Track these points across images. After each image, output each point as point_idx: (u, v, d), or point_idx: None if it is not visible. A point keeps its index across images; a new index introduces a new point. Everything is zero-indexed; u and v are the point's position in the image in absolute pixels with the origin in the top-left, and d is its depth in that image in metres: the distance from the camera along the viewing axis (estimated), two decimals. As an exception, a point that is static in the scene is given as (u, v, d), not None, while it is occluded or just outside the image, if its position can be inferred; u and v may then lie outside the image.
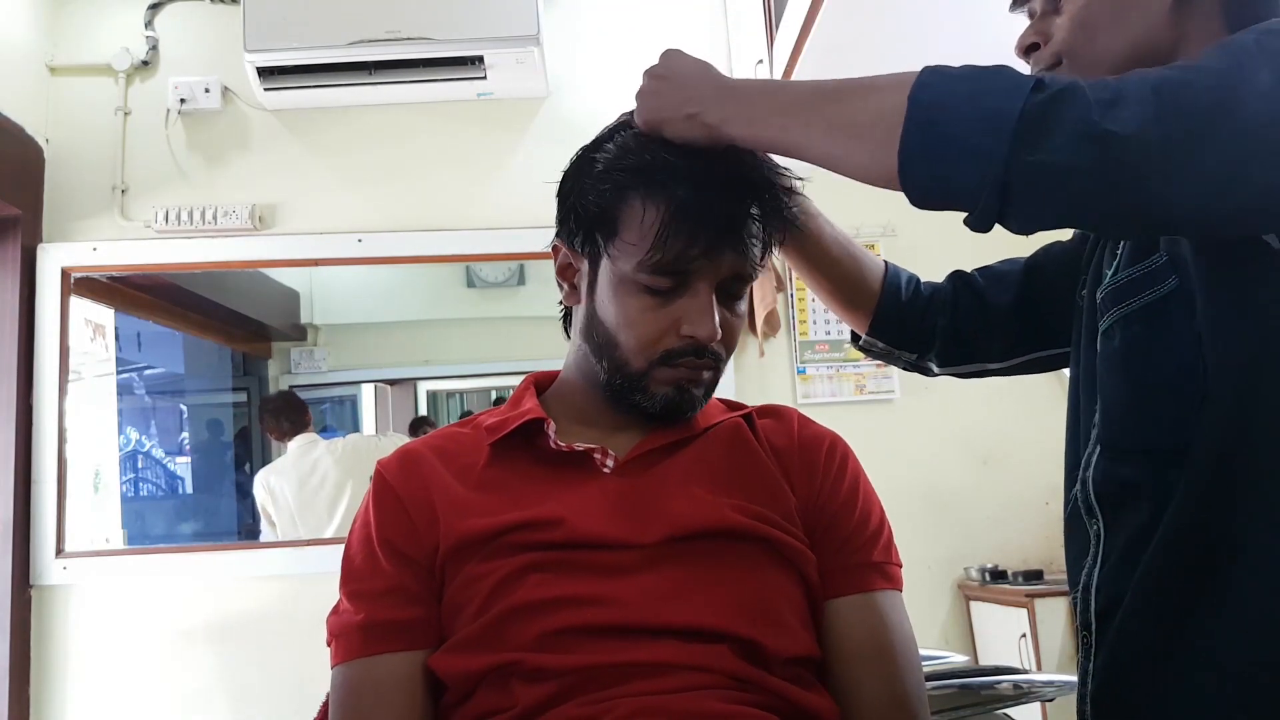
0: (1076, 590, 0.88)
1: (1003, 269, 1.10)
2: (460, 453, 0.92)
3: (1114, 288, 0.83)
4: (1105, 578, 0.84)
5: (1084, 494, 0.87)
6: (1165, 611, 0.77)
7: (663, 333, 0.87)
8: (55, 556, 2.50)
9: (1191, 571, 0.76)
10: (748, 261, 0.87)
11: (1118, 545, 0.83)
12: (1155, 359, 0.79)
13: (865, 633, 0.87)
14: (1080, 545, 0.88)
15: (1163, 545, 0.77)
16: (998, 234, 0.77)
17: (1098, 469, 0.85)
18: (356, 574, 0.88)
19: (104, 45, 2.71)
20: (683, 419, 0.92)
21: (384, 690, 0.83)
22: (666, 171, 0.84)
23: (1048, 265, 1.06)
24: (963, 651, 2.44)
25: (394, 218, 2.70)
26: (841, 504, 0.91)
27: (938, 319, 1.09)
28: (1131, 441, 0.82)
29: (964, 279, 1.12)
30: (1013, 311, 1.07)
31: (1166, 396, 0.79)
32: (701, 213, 0.83)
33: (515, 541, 0.84)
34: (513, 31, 2.48)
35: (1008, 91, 0.66)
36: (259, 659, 2.50)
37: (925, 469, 2.67)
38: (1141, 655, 0.79)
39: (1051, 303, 1.02)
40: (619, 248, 0.86)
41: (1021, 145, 0.65)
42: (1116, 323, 0.83)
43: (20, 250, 2.54)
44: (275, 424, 3.12)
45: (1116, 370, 0.83)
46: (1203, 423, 0.75)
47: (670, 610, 0.81)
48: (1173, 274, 0.78)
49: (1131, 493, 0.82)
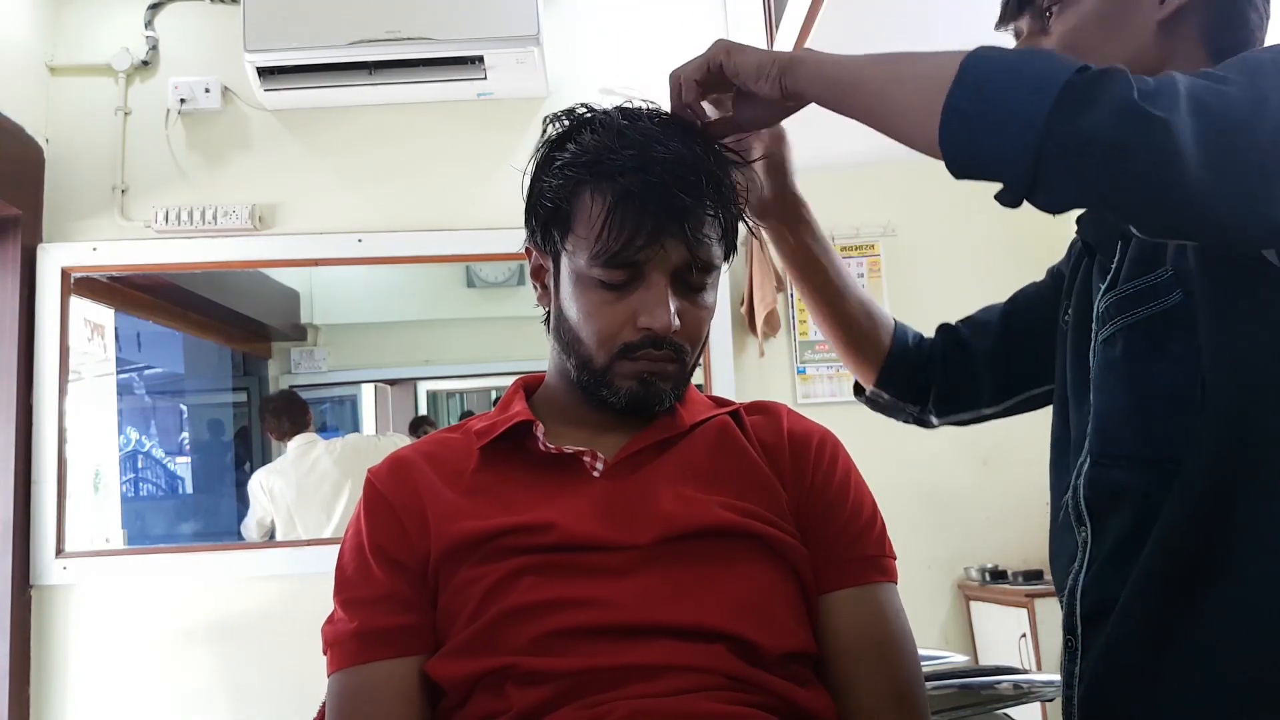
0: (1063, 595, 0.89)
1: (983, 317, 1.14)
2: (450, 458, 0.92)
3: (1119, 298, 0.84)
4: (1091, 581, 0.85)
5: (1074, 502, 0.88)
6: (1159, 614, 0.78)
7: (620, 326, 0.87)
8: (55, 556, 2.50)
9: (1186, 576, 0.77)
10: (702, 249, 0.87)
11: (1103, 550, 0.85)
12: (1156, 369, 0.81)
13: (861, 627, 0.87)
14: (1068, 552, 0.90)
15: (1157, 551, 0.78)
16: (996, 236, 0.77)
17: (1088, 476, 0.87)
18: (350, 582, 0.87)
19: (104, 45, 2.71)
20: (650, 413, 0.91)
21: (380, 697, 0.83)
22: (612, 163, 0.85)
23: (1024, 308, 1.10)
24: (963, 651, 2.44)
25: (394, 218, 2.70)
26: (833, 498, 0.91)
27: (931, 372, 1.13)
28: (1125, 448, 0.83)
29: (949, 331, 1.16)
30: (996, 356, 1.10)
31: (1165, 407, 0.80)
32: (644, 201, 0.83)
33: (507, 545, 0.84)
34: (513, 31, 2.48)
35: (1054, 66, 0.68)
36: (259, 659, 2.50)
37: (925, 469, 2.67)
38: (1134, 657, 0.80)
39: (1032, 341, 1.06)
40: (573, 242, 0.88)
41: (1063, 112, 0.65)
42: (1119, 331, 0.84)
43: (20, 250, 2.54)
44: (276, 423, 3.12)
45: (1116, 378, 0.84)
46: (1200, 434, 0.77)
47: (664, 610, 0.81)
48: (1177, 288, 0.80)
49: (1119, 499, 0.83)
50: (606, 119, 0.89)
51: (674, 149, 0.85)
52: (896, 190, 2.72)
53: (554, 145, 0.92)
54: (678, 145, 0.86)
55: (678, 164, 0.85)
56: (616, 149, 0.85)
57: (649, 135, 0.86)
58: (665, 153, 0.85)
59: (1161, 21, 0.85)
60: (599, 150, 0.87)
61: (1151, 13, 0.84)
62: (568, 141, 0.91)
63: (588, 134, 0.89)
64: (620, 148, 0.85)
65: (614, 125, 0.88)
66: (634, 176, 0.84)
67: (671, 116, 0.91)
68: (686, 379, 0.92)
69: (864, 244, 2.76)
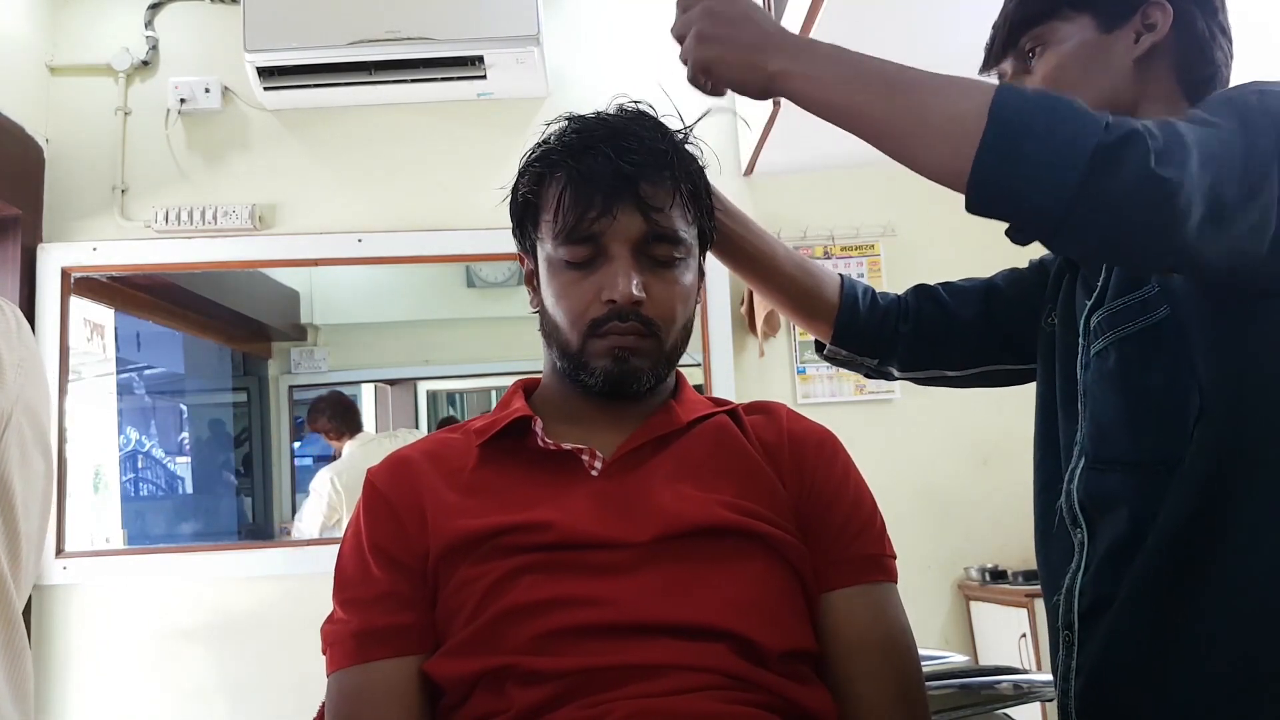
0: (1059, 594, 0.94)
1: (965, 285, 1.18)
2: (450, 457, 0.92)
3: (1110, 313, 0.90)
4: (1089, 581, 0.90)
5: (1069, 505, 0.93)
6: (1159, 609, 0.84)
7: (587, 303, 0.89)
8: (55, 556, 2.50)
9: (1184, 571, 0.82)
10: (660, 218, 0.88)
11: (1100, 550, 0.90)
12: (1150, 380, 0.87)
13: (860, 625, 0.87)
14: (1062, 553, 0.94)
15: (1156, 549, 0.83)
16: (996, 236, 0.78)
17: (1082, 480, 0.92)
18: (349, 582, 0.88)
19: (104, 45, 2.71)
20: (628, 392, 0.91)
21: (379, 696, 0.83)
22: (566, 148, 0.90)
23: (1007, 289, 1.15)
24: (963, 651, 2.44)
25: (394, 218, 2.70)
26: (833, 497, 0.91)
27: (899, 325, 1.15)
28: (1122, 453, 0.89)
29: (928, 291, 1.19)
30: (975, 325, 1.14)
31: (1159, 414, 0.86)
32: (594, 174, 0.87)
33: (506, 544, 0.84)
34: (513, 31, 2.48)
35: (1083, 127, 0.72)
36: (258, 659, 2.50)
37: (925, 469, 2.67)
38: (1134, 650, 0.85)
39: (1012, 322, 1.12)
40: (543, 231, 0.92)
41: (1093, 176, 0.70)
42: (1112, 344, 0.89)
43: (20, 250, 2.54)
44: (331, 425, 3.18)
45: (1112, 388, 0.90)
46: (1195, 439, 0.82)
47: (664, 608, 0.81)
48: (1165, 303, 0.86)
49: (1115, 502, 0.89)
50: (576, 117, 0.93)
51: (629, 129, 0.89)
52: (896, 190, 2.72)
53: (530, 152, 0.95)
54: (636, 127, 0.90)
55: (628, 138, 0.88)
56: (572, 136, 0.91)
57: (609, 123, 0.91)
58: (617, 132, 0.89)
59: (1137, 59, 0.93)
60: (559, 142, 0.92)
61: (1127, 52, 0.93)
62: (540, 145, 0.94)
63: (555, 133, 0.94)
64: (575, 134, 0.91)
65: (579, 120, 0.92)
66: (586, 155, 0.88)
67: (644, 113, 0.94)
68: (666, 359, 0.92)
69: (864, 244, 2.76)
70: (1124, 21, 0.93)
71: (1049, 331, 1.03)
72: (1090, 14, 0.94)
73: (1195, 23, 0.93)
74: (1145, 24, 0.93)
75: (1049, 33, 0.96)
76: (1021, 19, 0.97)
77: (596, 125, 0.91)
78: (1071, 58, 0.94)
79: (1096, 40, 0.94)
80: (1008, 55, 0.99)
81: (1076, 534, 0.93)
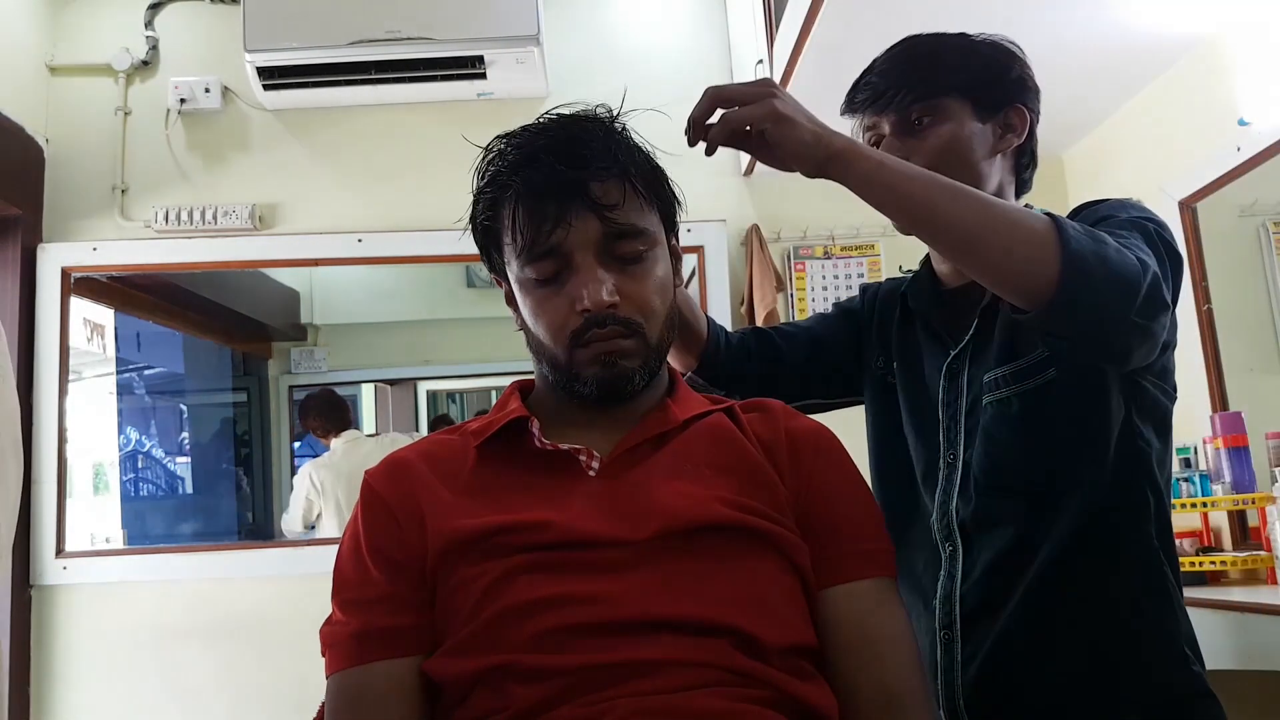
0: (934, 599, 1.09)
1: (794, 331, 1.32)
2: (448, 458, 0.92)
3: (1013, 371, 1.07)
4: (970, 589, 1.07)
5: (943, 523, 1.10)
6: (1042, 615, 1.03)
7: (564, 317, 0.88)
8: (55, 556, 2.50)
9: (1064, 587, 1.02)
10: (615, 215, 0.88)
11: (979, 563, 1.07)
12: (1044, 425, 1.05)
13: (859, 621, 0.87)
14: (927, 558, 1.12)
15: (1046, 564, 1.02)
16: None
17: (966, 501, 1.08)
18: (348, 584, 0.88)
19: (104, 45, 2.71)
20: (624, 396, 0.91)
21: (379, 698, 0.83)
22: (511, 166, 0.90)
23: (826, 338, 1.30)
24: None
25: (394, 218, 2.71)
26: (831, 493, 0.91)
27: (745, 365, 1.26)
28: (1015, 482, 1.06)
29: (764, 335, 1.30)
30: (798, 371, 1.28)
31: (1051, 453, 1.04)
32: (541, 186, 0.87)
33: (505, 543, 0.84)
34: (513, 31, 2.49)
35: (1132, 273, 0.88)
36: (258, 659, 2.50)
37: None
38: (1026, 643, 1.03)
39: (829, 373, 1.28)
40: (507, 254, 0.92)
41: (1139, 314, 0.89)
42: (1015, 395, 1.06)
43: (20, 250, 2.55)
44: (320, 423, 3.20)
45: (1011, 430, 1.06)
46: (1081, 474, 1.03)
47: (664, 605, 0.81)
48: (1052, 366, 1.04)
49: (1000, 522, 1.06)
50: (513, 132, 0.92)
51: (567, 132, 0.89)
52: (896, 190, 2.72)
53: (479, 175, 0.94)
54: (575, 129, 0.89)
55: (568, 141, 0.88)
56: (513, 153, 0.90)
57: (547, 130, 0.90)
58: (556, 138, 0.88)
59: (996, 151, 1.12)
60: (502, 160, 0.91)
61: (994, 146, 1.12)
62: (487, 169, 0.94)
63: (495, 152, 0.93)
64: (516, 149, 0.90)
65: (517, 134, 0.92)
66: (529, 168, 0.88)
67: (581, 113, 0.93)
68: (654, 356, 0.92)
69: (864, 244, 2.76)
70: (992, 116, 1.11)
71: (879, 372, 1.22)
72: (971, 103, 1.10)
73: (1035, 128, 1.14)
74: (1005, 123, 1.12)
75: (938, 110, 1.10)
76: (914, 94, 1.10)
77: (535, 135, 0.90)
78: (956, 139, 1.09)
79: (974, 127, 1.10)
80: (884, 114, 1.12)
81: (946, 547, 1.09)
